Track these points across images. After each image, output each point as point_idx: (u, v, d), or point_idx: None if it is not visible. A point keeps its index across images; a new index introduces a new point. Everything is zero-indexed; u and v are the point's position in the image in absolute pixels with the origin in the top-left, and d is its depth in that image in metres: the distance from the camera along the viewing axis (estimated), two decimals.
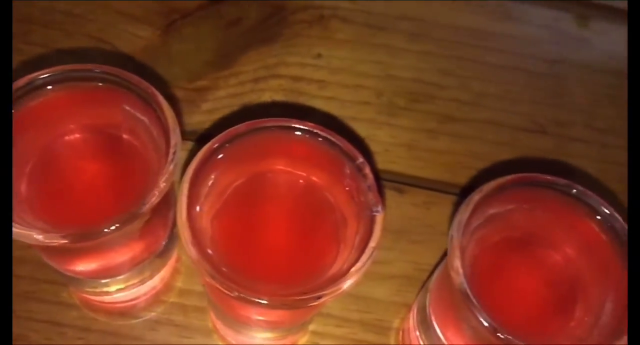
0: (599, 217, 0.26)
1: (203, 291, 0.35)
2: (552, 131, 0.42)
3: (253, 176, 0.27)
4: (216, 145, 0.25)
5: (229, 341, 0.34)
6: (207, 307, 0.34)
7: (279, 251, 0.28)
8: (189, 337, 0.34)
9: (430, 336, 0.30)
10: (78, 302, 0.34)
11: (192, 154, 0.35)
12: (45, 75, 0.26)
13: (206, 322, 0.35)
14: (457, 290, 0.24)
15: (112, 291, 0.32)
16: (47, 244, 0.25)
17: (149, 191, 0.25)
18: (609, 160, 0.41)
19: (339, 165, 0.26)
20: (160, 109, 0.26)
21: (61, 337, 0.34)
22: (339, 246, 0.27)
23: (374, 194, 0.26)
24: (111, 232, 0.25)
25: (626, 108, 0.42)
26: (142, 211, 0.25)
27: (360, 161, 0.26)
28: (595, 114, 0.42)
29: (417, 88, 0.43)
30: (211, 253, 0.25)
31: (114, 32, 0.42)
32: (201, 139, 0.39)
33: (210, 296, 0.30)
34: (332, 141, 0.26)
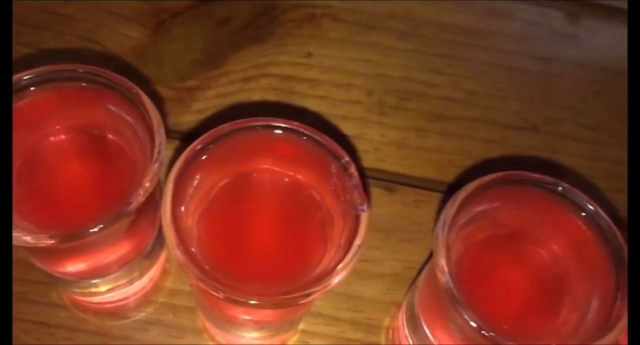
0: (584, 214, 0.26)
1: (192, 291, 0.35)
2: (542, 129, 0.42)
3: (239, 176, 0.27)
4: (200, 146, 0.25)
5: (218, 341, 0.34)
6: (197, 307, 0.34)
7: (266, 251, 0.28)
8: (178, 337, 0.34)
9: (419, 334, 0.30)
10: (67, 303, 0.34)
11: (180, 153, 0.35)
12: (28, 76, 0.26)
13: (196, 322, 0.35)
14: (443, 289, 0.24)
15: (100, 291, 0.32)
16: (35, 245, 0.25)
17: (134, 191, 0.25)
18: (599, 157, 0.41)
19: (325, 164, 0.26)
20: (144, 108, 0.26)
21: (51, 338, 0.34)
22: (326, 244, 0.27)
23: (360, 192, 0.26)
24: (98, 231, 0.25)
25: (616, 105, 0.43)
26: (128, 210, 0.25)
27: (346, 160, 0.26)
28: (585, 111, 0.42)
29: (407, 86, 0.43)
30: (197, 254, 0.25)
31: (103, 32, 0.42)
32: (191, 138, 0.38)
33: (198, 297, 0.30)
34: (318, 140, 0.26)
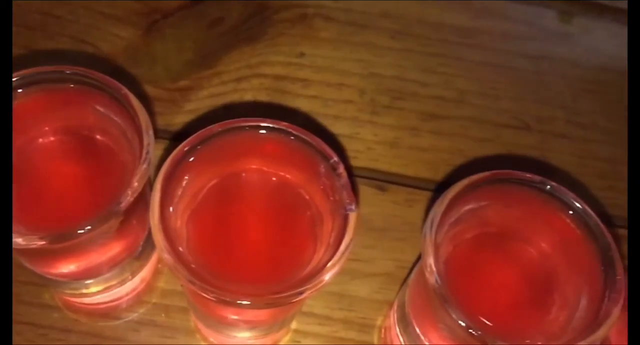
0: (572, 213, 0.26)
1: (184, 291, 0.35)
2: (534, 127, 0.42)
3: (228, 176, 0.27)
4: (188, 147, 0.25)
5: (211, 341, 0.34)
6: (188, 307, 0.34)
7: (256, 250, 0.28)
8: (171, 338, 0.34)
9: (409, 333, 0.30)
10: (60, 304, 0.34)
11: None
12: (15, 79, 0.26)
13: (188, 322, 0.35)
14: (431, 288, 0.24)
15: (92, 292, 0.32)
16: (26, 246, 0.25)
17: (123, 191, 0.25)
18: (591, 155, 0.41)
19: (314, 164, 0.26)
20: (132, 109, 0.26)
21: (43, 339, 0.34)
22: (316, 244, 0.27)
23: (348, 192, 0.26)
24: (87, 232, 0.25)
25: (608, 103, 0.43)
26: (117, 210, 0.25)
27: (334, 160, 0.26)
28: (577, 109, 0.42)
29: (399, 86, 0.43)
30: (187, 255, 0.25)
31: (95, 33, 0.42)
32: (182, 139, 0.38)
33: (189, 298, 0.30)
34: (306, 140, 0.26)
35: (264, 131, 0.26)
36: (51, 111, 0.27)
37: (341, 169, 0.26)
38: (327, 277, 0.24)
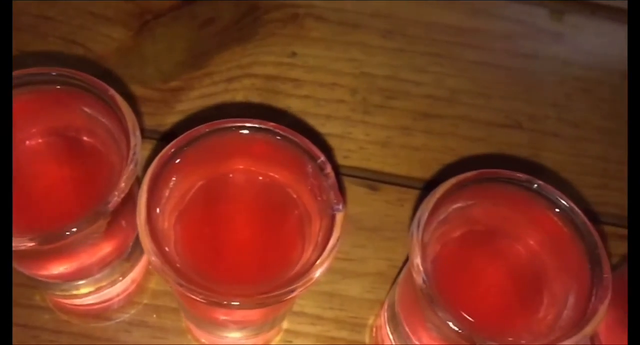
0: (558, 211, 0.26)
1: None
2: (526, 126, 0.42)
3: (215, 177, 0.27)
4: (175, 148, 0.25)
5: (202, 342, 0.34)
6: (179, 308, 0.34)
7: (244, 250, 0.28)
8: (162, 338, 0.34)
9: (400, 333, 0.30)
10: (51, 305, 0.34)
11: None
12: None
13: (180, 322, 0.35)
14: (419, 288, 0.24)
15: (82, 294, 0.32)
16: (15, 248, 0.25)
17: (110, 192, 0.25)
18: (583, 153, 0.41)
19: (301, 164, 0.26)
20: (119, 110, 0.26)
21: (34, 340, 0.34)
22: (304, 243, 0.27)
23: (336, 192, 0.26)
24: (76, 232, 0.25)
25: (599, 102, 0.43)
26: (104, 211, 0.25)
27: (322, 160, 0.26)
28: (568, 108, 0.42)
29: (391, 85, 0.43)
30: (175, 256, 0.25)
31: (86, 34, 0.42)
32: (172, 140, 0.38)
33: (178, 299, 0.30)
34: (293, 140, 0.26)
35: (251, 132, 0.26)
36: (38, 113, 0.27)
37: (328, 169, 0.26)
38: (316, 274, 0.24)
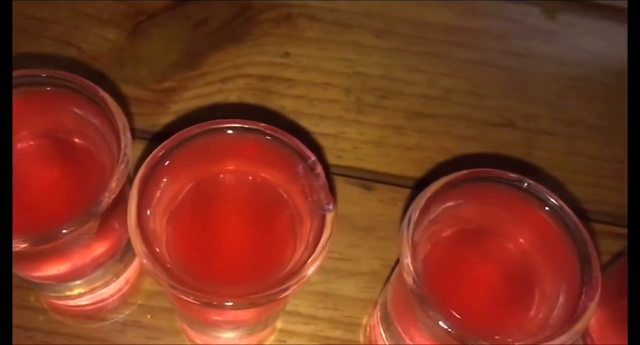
0: (548, 210, 0.26)
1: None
2: (520, 125, 0.42)
3: (206, 178, 0.27)
4: (165, 150, 0.25)
5: (196, 342, 0.34)
6: (173, 309, 0.34)
7: (236, 251, 0.28)
8: (156, 339, 0.34)
9: (392, 332, 0.30)
10: (45, 306, 0.35)
11: None
12: None
13: (174, 323, 0.35)
14: (409, 288, 0.24)
15: (76, 294, 0.32)
16: None
17: (101, 192, 0.25)
18: (576, 152, 0.41)
19: (292, 164, 0.26)
20: (110, 111, 0.26)
21: (29, 341, 0.34)
22: (295, 242, 0.27)
23: (326, 192, 0.26)
24: (68, 233, 0.25)
25: (593, 100, 0.43)
26: (96, 211, 0.25)
27: (312, 160, 0.26)
28: (562, 106, 0.42)
29: (385, 85, 0.43)
30: (166, 257, 0.25)
31: (80, 34, 0.42)
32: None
33: (171, 300, 0.30)
34: (284, 141, 0.26)
35: (241, 132, 0.26)
36: (29, 115, 0.27)
37: (319, 169, 0.26)
38: (307, 273, 0.24)
